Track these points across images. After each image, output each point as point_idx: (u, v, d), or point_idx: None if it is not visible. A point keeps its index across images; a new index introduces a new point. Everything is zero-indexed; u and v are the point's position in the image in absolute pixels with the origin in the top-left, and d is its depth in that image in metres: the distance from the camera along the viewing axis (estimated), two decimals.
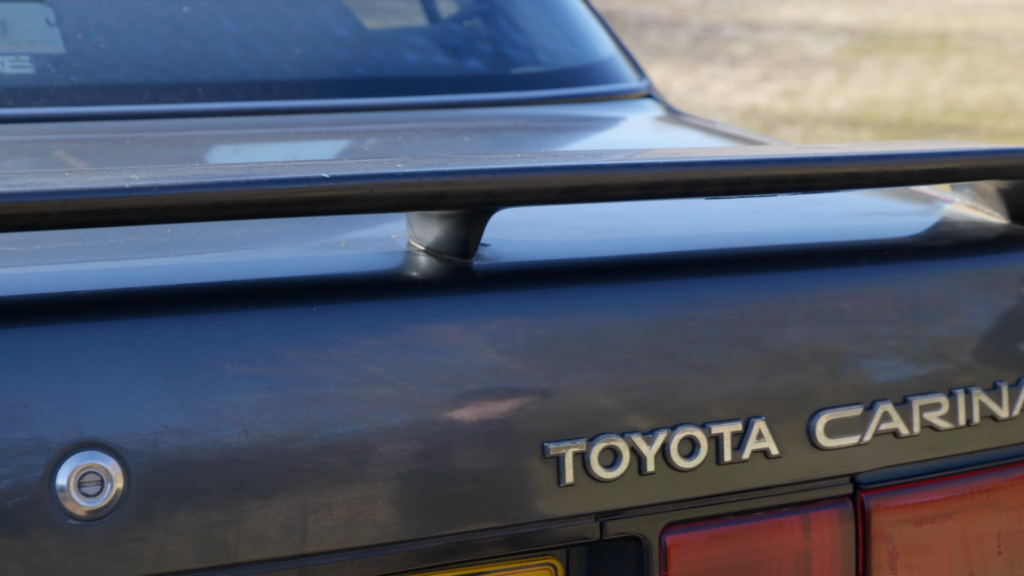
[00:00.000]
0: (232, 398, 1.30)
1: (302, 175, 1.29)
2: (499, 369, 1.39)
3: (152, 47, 2.03)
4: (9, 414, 1.23)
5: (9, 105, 1.89)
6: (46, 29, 1.99)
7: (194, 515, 1.28)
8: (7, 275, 1.34)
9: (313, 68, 2.09)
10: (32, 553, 1.24)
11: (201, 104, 1.98)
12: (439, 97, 2.14)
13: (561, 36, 2.33)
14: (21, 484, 1.23)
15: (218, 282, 1.36)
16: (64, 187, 1.22)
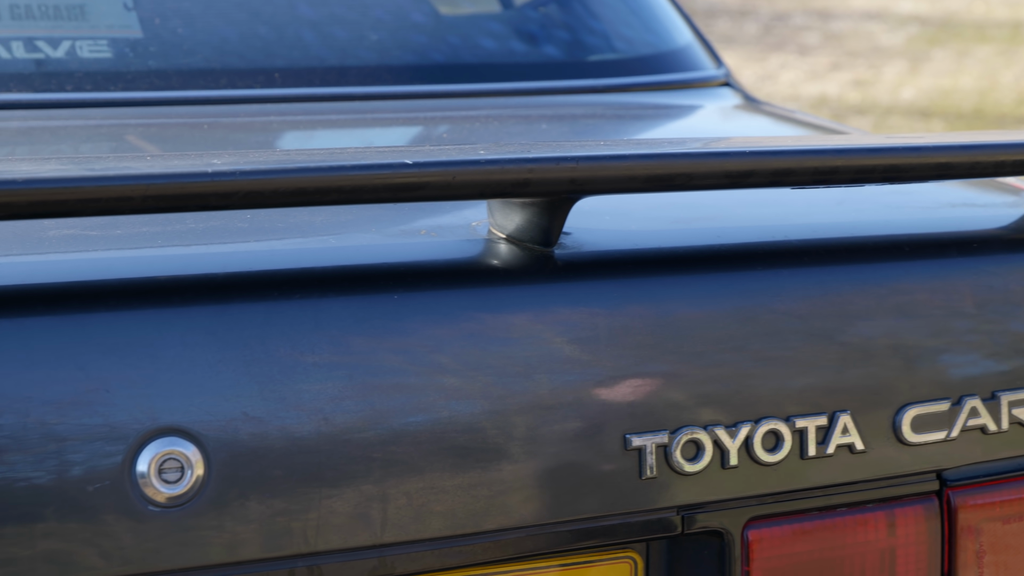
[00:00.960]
0: (312, 386, 1.28)
1: (385, 161, 1.27)
2: (581, 359, 1.37)
3: (229, 32, 2.02)
4: (91, 399, 1.23)
5: (87, 89, 1.88)
6: (124, 13, 1.98)
7: (273, 503, 1.27)
8: (89, 260, 1.33)
9: (389, 54, 2.08)
10: (111, 538, 1.23)
11: (278, 90, 1.97)
12: (515, 84, 2.12)
13: (638, 23, 2.31)
14: (102, 469, 1.23)
15: (299, 268, 1.35)
16: (147, 171, 1.21)
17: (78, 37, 1.93)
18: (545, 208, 1.39)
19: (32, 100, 1.86)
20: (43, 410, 1.22)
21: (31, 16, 1.94)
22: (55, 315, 1.25)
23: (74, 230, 1.38)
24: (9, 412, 1.21)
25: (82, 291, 1.28)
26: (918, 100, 9.13)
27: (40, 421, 1.21)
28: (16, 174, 1.18)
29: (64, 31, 1.93)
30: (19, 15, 1.93)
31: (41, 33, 1.92)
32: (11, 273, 1.29)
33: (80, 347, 1.24)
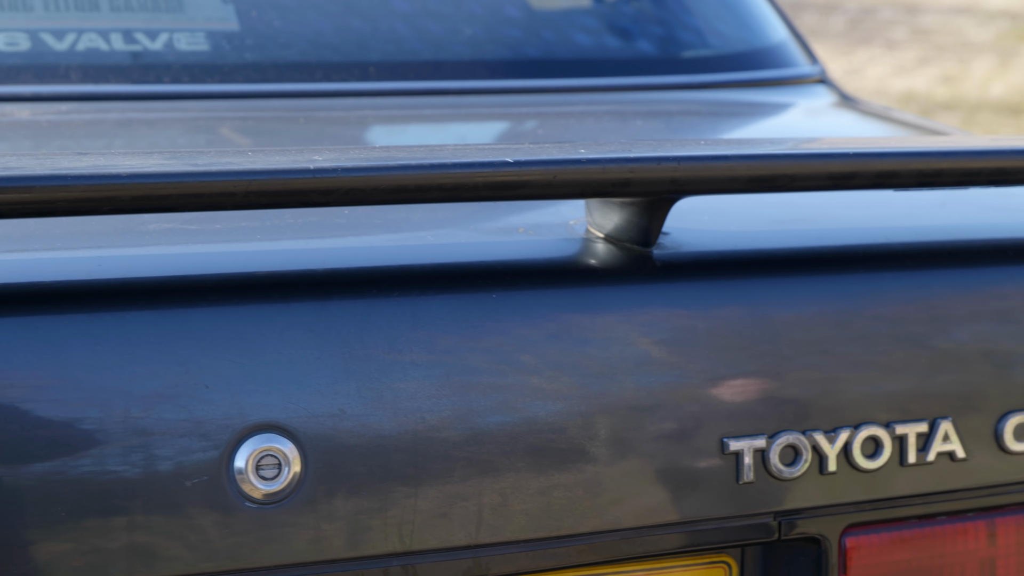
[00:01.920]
0: (410, 384, 1.28)
1: (486, 159, 1.26)
2: (679, 361, 1.35)
3: (324, 25, 2.02)
4: (191, 394, 1.23)
5: (184, 82, 1.89)
6: (221, 6, 1.99)
7: (370, 501, 1.27)
8: (189, 254, 1.34)
9: (483, 49, 2.07)
10: (208, 534, 1.24)
11: (372, 83, 1.97)
12: (609, 80, 2.11)
13: (732, 18, 2.29)
14: (200, 465, 1.23)
15: (397, 266, 1.34)
16: (249, 167, 1.21)
17: (176, 29, 1.94)
18: (644, 208, 1.38)
19: (130, 92, 1.87)
20: (143, 405, 1.22)
21: (130, 8, 1.95)
22: (156, 310, 1.25)
23: (174, 224, 1.39)
24: (110, 406, 1.21)
25: (182, 286, 1.28)
26: (1008, 96, 9.01)
27: (140, 416, 1.22)
28: (120, 168, 1.18)
29: (162, 23, 1.94)
30: (118, 7, 1.95)
31: (139, 25, 1.93)
32: (113, 267, 1.29)
33: (180, 342, 1.24)
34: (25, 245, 1.34)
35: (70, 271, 1.28)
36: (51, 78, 1.86)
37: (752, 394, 1.37)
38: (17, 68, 1.85)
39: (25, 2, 1.92)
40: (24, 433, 1.20)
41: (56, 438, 1.21)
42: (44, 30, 1.90)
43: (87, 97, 1.85)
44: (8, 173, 1.16)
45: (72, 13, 1.94)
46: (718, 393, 1.36)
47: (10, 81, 1.84)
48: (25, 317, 1.22)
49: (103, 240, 1.36)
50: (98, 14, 1.95)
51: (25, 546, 1.21)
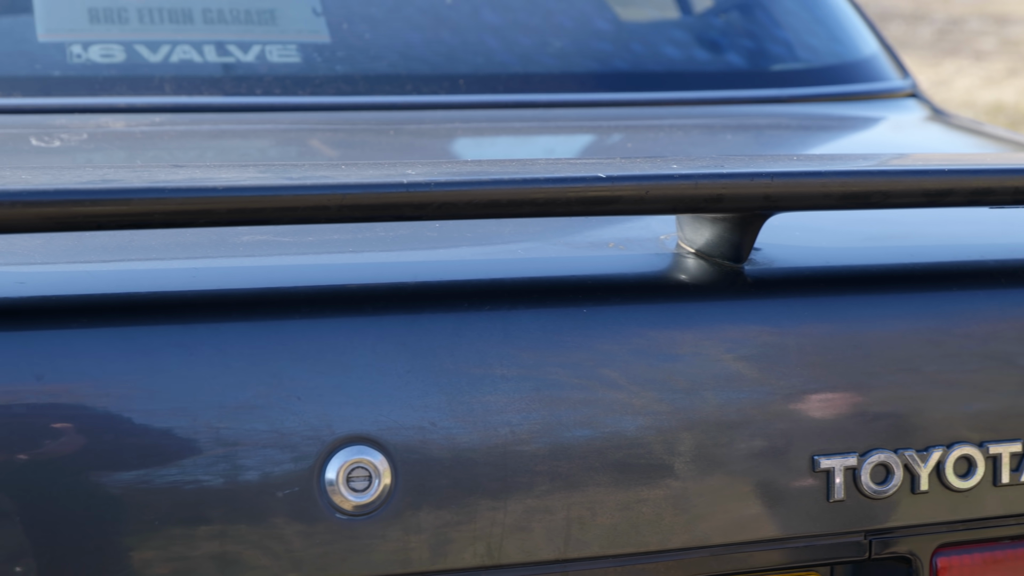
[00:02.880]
0: (500, 398, 1.28)
1: (578, 174, 1.26)
2: (770, 378, 1.35)
3: (415, 38, 2.03)
4: (283, 406, 1.24)
5: (276, 94, 1.91)
6: (313, 19, 2.01)
7: (459, 514, 1.27)
8: (283, 267, 1.35)
9: (573, 61, 2.07)
10: (299, 545, 1.24)
11: (462, 96, 1.97)
12: (698, 93, 2.10)
13: (822, 31, 2.27)
14: (292, 476, 1.24)
15: (488, 280, 1.35)
16: (343, 181, 1.22)
17: (268, 42, 1.95)
18: (736, 224, 1.37)
19: (222, 104, 1.89)
20: (236, 415, 1.23)
21: (223, 21, 1.97)
22: (249, 321, 1.27)
23: (267, 236, 1.40)
24: (203, 416, 1.22)
25: (275, 298, 1.29)
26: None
27: (232, 426, 1.23)
28: (216, 182, 1.19)
29: (254, 36, 1.96)
30: (212, 20, 1.97)
31: (232, 37, 1.95)
32: (207, 278, 1.30)
33: (273, 354, 1.25)
34: (121, 256, 1.35)
35: (165, 282, 1.30)
36: (145, 90, 1.88)
37: (843, 412, 1.36)
38: (112, 80, 1.88)
39: (120, 14, 1.95)
40: (119, 441, 1.22)
41: (150, 447, 1.22)
42: (139, 42, 1.93)
43: (180, 109, 1.87)
44: (106, 186, 1.17)
45: (166, 26, 1.96)
46: (809, 410, 1.36)
47: (105, 93, 1.87)
48: (121, 327, 1.24)
49: (197, 251, 1.37)
50: (192, 26, 1.97)
51: (118, 553, 1.22)
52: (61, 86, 1.87)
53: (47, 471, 1.21)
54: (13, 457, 1.20)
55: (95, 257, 1.35)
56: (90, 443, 1.21)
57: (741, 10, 2.29)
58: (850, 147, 2.03)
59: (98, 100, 1.86)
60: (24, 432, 1.20)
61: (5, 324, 1.22)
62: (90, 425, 1.22)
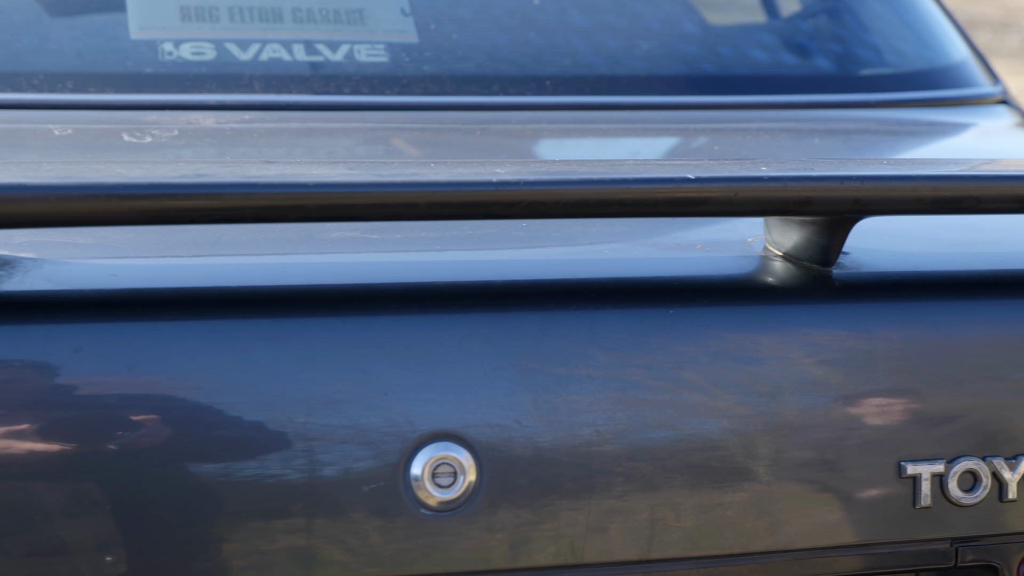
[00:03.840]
0: (585, 397, 1.28)
1: (667, 175, 1.26)
2: (857, 382, 1.34)
3: (502, 39, 2.04)
4: (370, 402, 1.24)
5: (364, 93, 1.92)
6: (401, 19, 2.02)
7: (542, 512, 1.28)
8: (371, 263, 1.36)
9: (659, 64, 2.07)
10: (383, 540, 1.25)
11: (548, 97, 1.97)
12: (785, 97, 2.09)
13: (912, 36, 2.26)
14: (378, 471, 1.25)
15: (575, 279, 1.35)
16: (432, 179, 1.22)
17: (356, 41, 1.97)
18: (825, 227, 1.36)
19: (311, 102, 1.90)
20: (323, 410, 1.24)
21: (312, 20, 1.99)
22: (337, 317, 1.27)
23: (356, 233, 1.41)
24: (291, 410, 1.23)
25: (363, 294, 1.30)
26: None
27: (320, 420, 1.24)
28: (307, 177, 1.20)
29: (343, 35, 1.97)
30: (301, 19, 1.98)
31: (321, 37, 1.97)
32: (296, 273, 1.31)
33: (361, 349, 1.26)
34: (212, 250, 1.37)
35: (254, 276, 1.31)
36: (235, 87, 1.90)
37: (931, 418, 1.35)
38: (203, 77, 1.90)
39: (211, 13, 1.97)
40: (207, 433, 1.23)
41: (238, 440, 1.23)
42: (229, 40, 1.94)
43: (269, 107, 1.89)
44: (200, 180, 1.19)
45: (256, 24, 1.98)
46: (896, 416, 1.35)
47: (196, 90, 1.88)
48: (211, 320, 1.25)
49: (286, 247, 1.38)
50: (281, 25, 1.98)
51: (204, 544, 1.24)
52: (152, 83, 1.89)
53: (136, 461, 1.22)
54: (104, 447, 1.22)
55: (186, 251, 1.36)
56: (178, 434, 1.23)
57: (829, 14, 2.28)
58: (940, 152, 2.01)
59: (188, 97, 1.88)
60: (115, 422, 1.22)
61: (98, 316, 1.24)
62: (179, 417, 1.23)
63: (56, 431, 1.21)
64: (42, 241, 1.33)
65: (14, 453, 1.21)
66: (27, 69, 1.88)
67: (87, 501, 1.22)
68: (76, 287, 1.26)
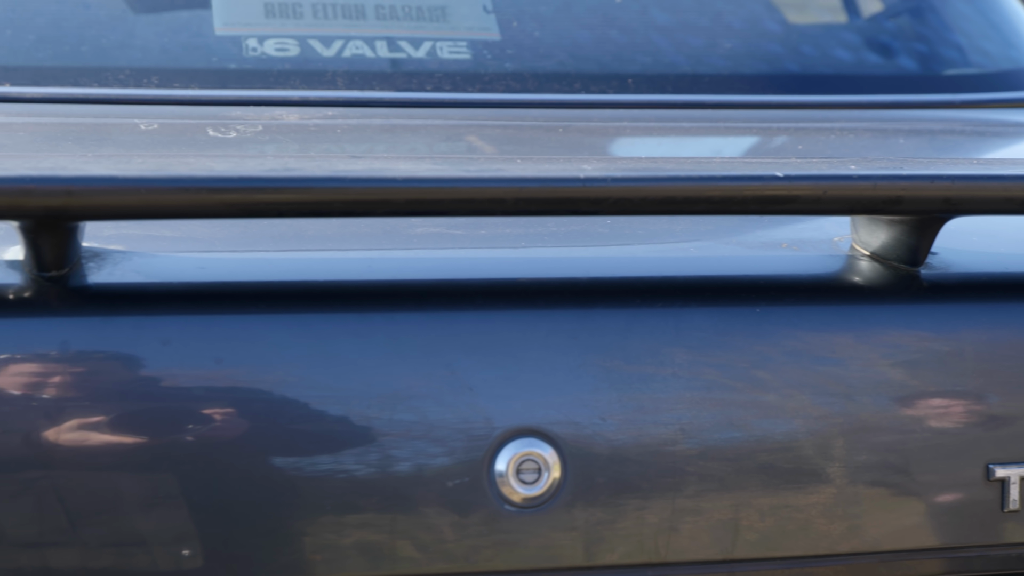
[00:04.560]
0: (670, 395, 1.28)
1: (755, 173, 1.25)
2: (946, 383, 1.33)
3: (584, 37, 2.03)
4: (455, 398, 1.25)
5: (446, 90, 1.92)
6: (483, 16, 2.02)
7: (626, 510, 1.27)
8: (456, 258, 1.35)
9: (742, 62, 2.06)
10: (468, 535, 1.25)
11: (631, 95, 1.97)
12: (869, 96, 2.08)
13: (997, 36, 2.23)
14: (462, 467, 1.25)
15: (660, 277, 1.34)
16: (520, 175, 1.22)
17: (439, 38, 1.97)
18: (914, 227, 1.35)
19: (393, 99, 1.91)
20: (408, 404, 1.24)
21: (395, 17, 1.99)
22: (422, 312, 1.28)
23: (440, 228, 1.41)
24: (377, 404, 1.24)
25: (449, 289, 1.30)
26: None
27: (405, 415, 1.24)
28: (395, 172, 1.20)
29: (426, 32, 1.98)
30: (384, 15, 1.99)
31: (404, 33, 1.97)
32: (382, 268, 1.32)
33: (446, 344, 1.26)
34: (297, 244, 1.37)
35: (341, 271, 1.31)
36: (318, 84, 1.91)
37: (1020, 420, 1.33)
38: (287, 73, 1.91)
39: (295, 9, 1.98)
40: (293, 426, 1.24)
41: (323, 433, 1.24)
42: (312, 37, 1.95)
43: (352, 103, 1.90)
44: (288, 174, 1.19)
45: (339, 21, 1.98)
46: (984, 418, 1.33)
47: (279, 86, 1.89)
48: (298, 314, 1.26)
49: (372, 242, 1.39)
50: (364, 22, 1.99)
51: (288, 537, 1.24)
52: (237, 79, 1.90)
53: (221, 454, 1.23)
54: (190, 439, 1.22)
55: (272, 245, 1.37)
56: (263, 428, 1.23)
57: (913, 14, 2.26)
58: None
59: (272, 93, 1.89)
60: (201, 414, 1.23)
61: (186, 308, 1.25)
62: (264, 410, 1.24)
63: (143, 422, 1.22)
64: (131, 234, 1.34)
65: (101, 443, 1.22)
66: (113, 64, 1.90)
67: (170, 493, 1.23)
68: (165, 280, 1.27)
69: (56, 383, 1.22)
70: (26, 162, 1.17)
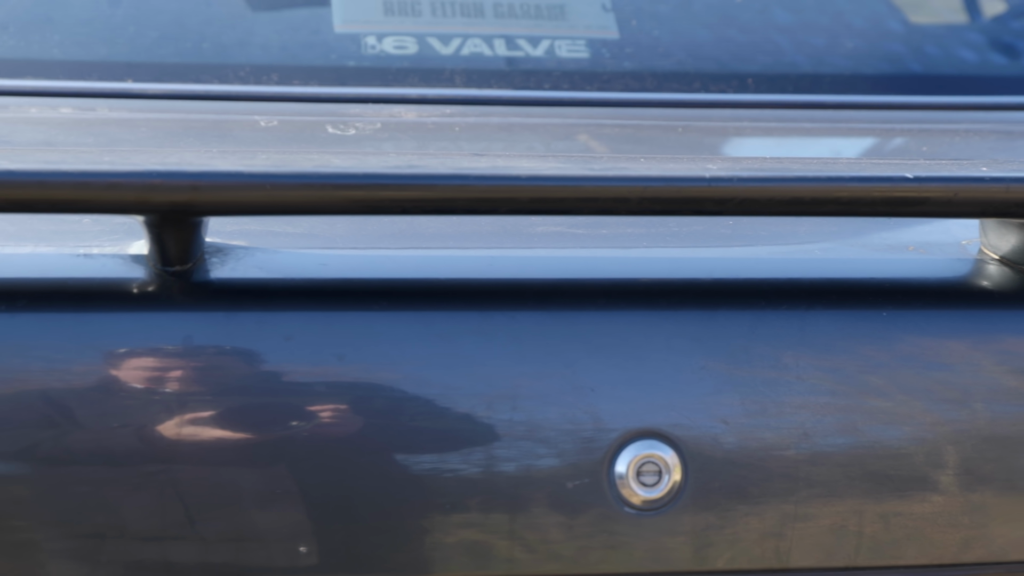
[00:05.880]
0: (794, 400, 1.26)
1: (885, 174, 1.23)
2: None
3: (703, 35, 2.02)
4: (576, 398, 1.24)
5: (564, 88, 1.91)
6: (602, 15, 2.01)
7: (747, 515, 1.26)
8: (578, 258, 1.34)
9: (863, 63, 2.03)
10: (586, 537, 1.24)
11: (751, 95, 1.95)
12: (993, 98, 2.04)
13: None
14: (582, 468, 1.24)
15: (785, 279, 1.33)
16: (644, 174, 1.21)
17: (557, 37, 1.96)
18: None
19: (511, 97, 1.90)
20: (530, 403, 1.23)
21: (513, 15, 1.99)
22: (544, 311, 1.27)
23: (561, 227, 1.40)
24: (498, 403, 1.23)
25: (570, 289, 1.29)
26: None
27: (526, 414, 1.23)
28: (519, 170, 1.20)
29: (544, 30, 1.97)
30: (502, 14, 1.98)
31: (522, 32, 1.97)
32: (504, 267, 1.31)
33: (568, 344, 1.25)
34: (418, 242, 1.37)
35: (462, 269, 1.31)
36: (436, 82, 1.91)
37: None
38: (405, 71, 1.91)
39: (414, 7, 1.98)
40: (414, 424, 1.23)
41: (443, 431, 1.24)
42: (431, 35, 1.95)
43: (470, 101, 1.89)
44: (413, 171, 1.19)
45: (457, 19, 1.98)
46: None
47: (398, 84, 1.90)
48: (420, 312, 1.26)
49: (492, 240, 1.38)
50: (482, 20, 1.99)
51: (407, 534, 1.24)
52: (355, 76, 1.91)
53: (342, 450, 1.23)
54: (312, 434, 1.23)
55: (392, 242, 1.37)
56: (385, 425, 1.23)
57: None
58: None
59: (391, 91, 1.89)
60: (323, 411, 1.23)
61: (309, 304, 1.25)
62: (386, 407, 1.23)
63: (264, 417, 1.23)
64: (252, 230, 1.35)
65: (222, 438, 1.22)
66: (233, 62, 1.91)
67: (289, 489, 1.23)
68: (287, 275, 1.28)
69: (179, 377, 1.22)
70: (152, 157, 1.18)
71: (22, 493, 1.20)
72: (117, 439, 1.21)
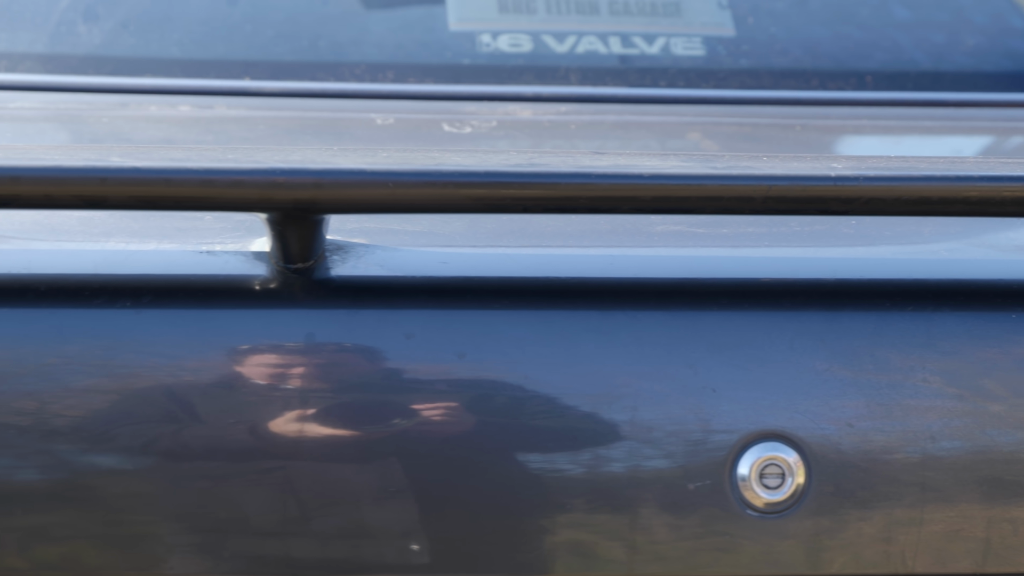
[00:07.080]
0: (921, 402, 1.24)
1: (1016, 173, 1.21)
2: None
3: (820, 33, 1.99)
4: (698, 398, 1.22)
5: (680, 86, 1.90)
6: (718, 12, 1.99)
7: (871, 518, 1.24)
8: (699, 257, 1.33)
9: (985, 60, 2.00)
10: (707, 539, 1.23)
11: (869, 93, 1.92)
12: None
13: None
14: (704, 469, 1.23)
15: (911, 280, 1.30)
16: (769, 172, 1.19)
17: (673, 34, 1.95)
18: None
19: (626, 95, 1.89)
20: (651, 404, 1.22)
21: (628, 12, 1.98)
22: (665, 311, 1.26)
23: (681, 227, 1.39)
24: (618, 402, 1.22)
25: (692, 288, 1.28)
26: None
27: (647, 414, 1.22)
28: (641, 168, 1.19)
29: (659, 28, 1.96)
30: (617, 11, 1.97)
31: (637, 29, 1.96)
32: (625, 266, 1.30)
33: (689, 344, 1.24)
34: (538, 240, 1.36)
35: (583, 268, 1.30)
36: (551, 79, 1.90)
37: None
38: (520, 69, 1.91)
39: (529, 5, 1.98)
40: (534, 423, 1.23)
41: (564, 430, 1.23)
42: (546, 33, 1.95)
43: (585, 99, 1.89)
44: (534, 169, 1.18)
45: (572, 16, 1.98)
46: None
47: (513, 81, 1.89)
48: (540, 311, 1.25)
49: (612, 239, 1.37)
50: (597, 18, 1.98)
51: (524, 534, 1.23)
52: (470, 74, 1.91)
53: (462, 449, 1.23)
54: (430, 432, 1.22)
55: (512, 241, 1.37)
56: (506, 423, 1.23)
57: None
58: None
59: (506, 88, 1.89)
60: (442, 408, 1.23)
61: (430, 303, 1.25)
62: (506, 405, 1.23)
63: (385, 415, 1.23)
64: (372, 228, 1.35)
65: (343, 435, 1.23)
66: (349, 60, 1.92)
67: (408, 486, 1.23)
68: (408, 273, 1.28)
69: (300, 374, 1.23)
70: (275, 155, 1.18)
71: (146, 487, 1.21)
72: (238, 435, 1.22)
